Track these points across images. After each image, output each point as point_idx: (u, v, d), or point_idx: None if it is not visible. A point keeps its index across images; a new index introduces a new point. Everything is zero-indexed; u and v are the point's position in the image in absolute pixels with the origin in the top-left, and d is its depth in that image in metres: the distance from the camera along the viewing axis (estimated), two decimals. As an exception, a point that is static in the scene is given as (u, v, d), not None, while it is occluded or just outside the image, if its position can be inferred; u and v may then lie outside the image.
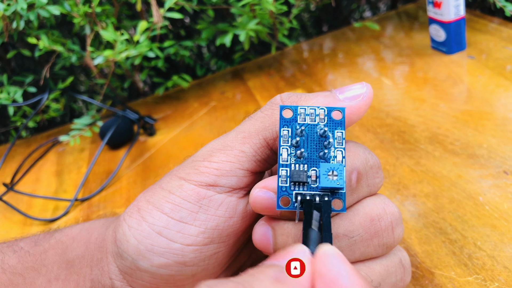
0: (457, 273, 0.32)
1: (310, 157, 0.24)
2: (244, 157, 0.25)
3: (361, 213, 0.25)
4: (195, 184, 0.25)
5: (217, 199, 0.25)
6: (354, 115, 0.25)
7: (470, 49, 0.57)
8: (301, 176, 0.24)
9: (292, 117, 0.24)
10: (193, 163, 0.26)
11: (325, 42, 0.73)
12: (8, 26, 0.57)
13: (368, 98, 0.26)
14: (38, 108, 0.61)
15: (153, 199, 0.26)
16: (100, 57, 0.57)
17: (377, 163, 0.26)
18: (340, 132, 0.24)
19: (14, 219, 0.51)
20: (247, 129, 0.26)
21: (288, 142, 0.24)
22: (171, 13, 0.58)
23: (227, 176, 0.25)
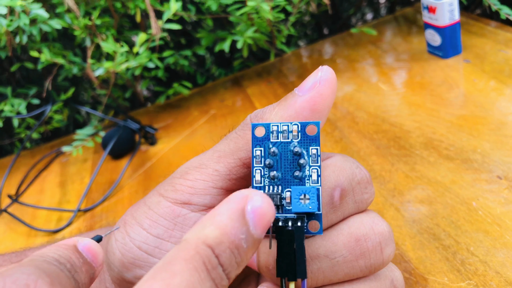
0: (450, 279, 0.32)
1: (285, 177, 0.23)
2: (218, 176, 0.25)
3: (346, 233, 0.24)
4: (171, 202, 0.26)
5: (191, 217, 0.25)
6: (319, 104, 0.24)
7: (466, 53, 0.58)
8: (275, 199, 0.23)
9: (264, 136, 0.24)
10: (171, 180, 0.26)
11: (324, 48, 0.73)
12: (12, 41, 0.59)
13: (326, 81, 0.24)
14: (42, 119, 0.63)
15: (136, 214, 0.26)
16: (101, 69, 0.58)
17: (366, 178, 0.25)
18: (315, 149, 0.23)
19: (19, 230, 0.52)
20: (222, 149, 0.26)
21: (261, 163, 0.23)
22: (169, 25, 0.58)
23: (200, 194, 0.25)
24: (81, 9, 0.60)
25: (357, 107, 0.54)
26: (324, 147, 0.50)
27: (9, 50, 0.60)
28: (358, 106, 0.55)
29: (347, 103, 0.56)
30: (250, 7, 0.56)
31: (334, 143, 0.50)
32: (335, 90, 0.25)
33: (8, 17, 0.55)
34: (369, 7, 0.88)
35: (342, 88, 0.60)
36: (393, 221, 0.38)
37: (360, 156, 0.46)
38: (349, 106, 0.55)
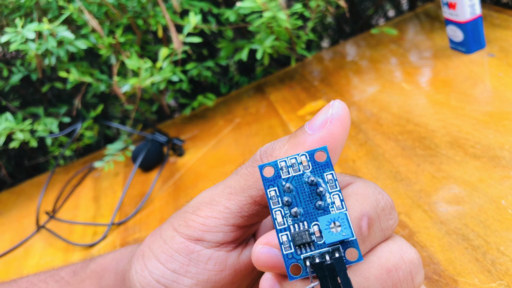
0: (481, 280, 0.32)
1: (307, 211, 0.22)
2: (229, 214, 0.25)
3: (376, 265, 0.22)
4: (184, 238, 0.26)
5: (205, 253, 0.25)
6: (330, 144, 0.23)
7: (489, 46, 0.57)
8: (304, 236, 0.21)
9: (275, 174, 0.22)
10: (184, 214, 0.26)
11: (345, 50, 0.73)
12: (41, 63, 0.61)
13: (337, 120, 0.23)
14: (73, 137, 0.65)
15: (153, 247, 0.27)
16: (127, 85, 0.60)
17: (390, 203, 0.24)
18: (330, 174, 0.22)
19: (57, 245, 0.54)
20: (233, 185, 0.25)
21: (279, 203, 0.22)
22: (190, 38, 0.60)
23: (212, 232, 0.25)
24: (105, 28, 0.61)
25: (381, 108, 0.54)
26: (348, 150, 0.50)
27: (39, 72, 0.63)
28: (381, 107, 0.54)
29: (370, 104, 0.56)
30: (267, 17, 0.57)
31: (359, 146, 0.50)
32: (348, 128, 0.23)
33: (36, 40, 0.57)
34: (390, 3, 0.87)
35: (366, 90, 0.60)
36: (420, 222, 0.38)
37: (386, 158, 0.46)
38: (373, 107, 0.55)
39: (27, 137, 0.62)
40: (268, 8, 0.57)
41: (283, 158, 0.23)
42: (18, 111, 0.68)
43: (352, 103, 0.58)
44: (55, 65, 0.63)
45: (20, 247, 0.56)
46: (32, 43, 0.56)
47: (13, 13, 0.64)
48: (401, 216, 0.39)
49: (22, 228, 0.60)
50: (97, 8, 0.61)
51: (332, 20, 0.82)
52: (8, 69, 0.67)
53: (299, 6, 0.60)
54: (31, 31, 0.56)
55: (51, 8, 0.62)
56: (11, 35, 0.56)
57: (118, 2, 0.60)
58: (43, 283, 0.32)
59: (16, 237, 0.58)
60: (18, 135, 0.62)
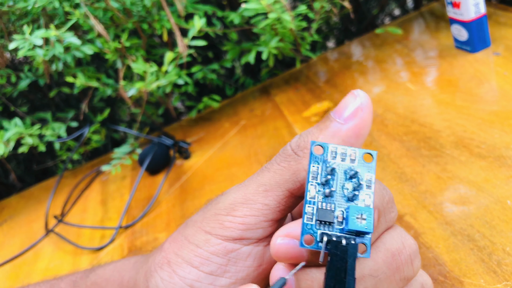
0: (486, 281, 0.32)
1: (338, 197, 0.24)
2: (268, 210, 0.25)
3: (383, 250, 0.24)
4: (221, 239, 0.26)
5: (244, 251, 0.26)
6: (363, 130, 0.25)
7: (495, 45, 0.56)
8: (328, 215, 0.23)
9: (322, 155, 0.24)
10: (217, 217, 0.26)
11: (350, 50, 0.73)
12: (49, 69, 0.62)
13: (367, 107, 0.25)
14: (81, 141, 0.65)
15: (181, 252, 0.26)
16: (133, 89, 0.60)
17: (391, 197, 0.26)
18: (370, 176, 0.24)
19: (66, 249, 0.54)
20: (268, 182, 0.26)
21: (317, 179, 0.24)
22: (195, 41, 0.60)
23: (252, 229, 0.25)
24: (111, 33, 0.62)
25: (386, 109, 0.54)
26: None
27: (47, 78, 0.63)
28: (387, 108, 0.54)
29: (375, 105, 0.56)
30: (272, 19, 0.57)
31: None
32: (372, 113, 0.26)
33: (44, 47, 0.58)
34: (395, 3, 0.87)
35: (371, 90, 0.60)
36: (425, 223, 0.38)
37: (391, 159, 0.46)
38: (378, 108, 0.55)
39: (35, 142, 0.63)
40: (272, 9, 0.57)
41: (335, 145, 0.24)
42: (27, 116, 0.69)
43: (357, 104, 0.58)
44: (62, 70, 0.64)
45: (29, 251, 0.57)
46: (39, 49, 0.57)
47: (20, 20, 0.65)
48: (406, 217, 0.39)
49: (31, 232, 0.61)
50: (103, 13, 0.61)
51: (337, 21, 0.82)
52: (16, 75, 0.68)
53: (303, 7, 0.60)
54: (39, 38, 0.56)
55: (58, 14, 0.62)
56: (19, 42, 0.56)
57: (123, 7, 0.61)
58: None
59: (25, 241, 0.59)
60: (27, 140, 0.62)
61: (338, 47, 0.76)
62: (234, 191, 0.27)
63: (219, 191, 0.53)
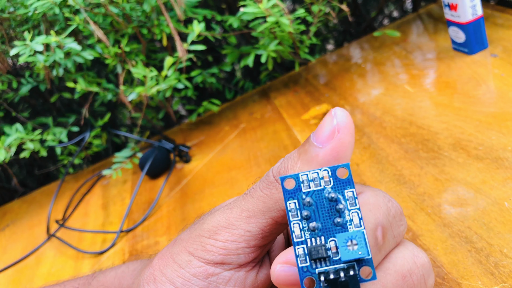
0: (484, 283, 0.32)
1: (325, 226, 0.22)
2: (250, 236, 0.25)
3: (392, 272, 0.23)
4: (203, 262, 0.25)
5: (225, 276, 0.25)
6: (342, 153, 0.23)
7: (492, 47, 0.57)
8: (320, 251, 0.22)
9: (295, 187, 0.23)
10: (200, 239, 0.26)
11: (348, 52, 0.74)
12: (49, 74, 0.62)
13: (344, 128, 0.23)
14: (82, 145, 0.66)
15: (166, 271, 0.26)
16: (133, 94, 0.61)
17: (399, 210, 0.25)
18: (351, 191, 0.22)
19: (67, 253, 0.55)
20: (251, 208, 0.25)
21: (298, 216, 0.22)
22: (195, 46, 0.60)
23: (233, 255, 0.25)
24: (110, 38, 0.62)
25: (384, 111, 0.55)
26: (352, 154, 0.50)
27: (48, 83, 0.64)
28: (385, 110, 0.55)
29: (374, 107, 0.56)
30: (271, 22, 0.57)
31: (363, 149, 0.50)
32: (354, 133, 0.24)
33: (44, 52, 0.58)
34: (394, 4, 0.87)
35: (369, 92, 0.60)
36: (423, 225, 0.38)
37: (389, 162, 0.46)
38: (376, 110, 0.55)
39: (37, 147, 0.63)
40: (271, 13, 0.58)
41: (305, 172, 0.23)
42: (28, 122, 0.70)
43: (355, 106, 0.58)
44: (63, 75, 0.64)
45: (31, 255, 0.57)
46: (40, 55, 0.58)
47: (21, 26, 0.65)
48: (404, 219, 0.39)
49: (33, 236, 0.61)
50: (103, 19, 0.62)
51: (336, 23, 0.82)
52: (17, 80, 0.69)
53: (301, 11, 0.60)
54: (39, 44, 0.57)
55: (58, 20, 0.63)
56: (20, 48, 0.57)
57: (122, 12, 0.61)
58: None
59: (27, 245, 0.60)
60: (28, 145, 0.63)
61: (337, 50, 0.77)
62: (219, 213, 0.26)
63: (219, 194, 0.54)
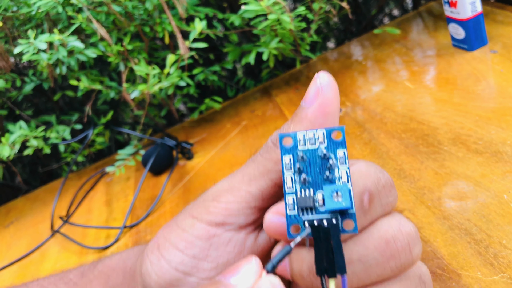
0: (483, 273, 0.33)
1: (315, 181, 0.24)
2: (251, 197, 0.26)
3: (376, 236, 0.24)
4: (205, 224, 0.27)
5: (226, 236, 0.27)
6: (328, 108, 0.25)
7: (492, 43, 0.57)
8: (308, 201, 0.23)
9: (292, 145, 0.25)
10: (204, 203, 0.27)
11: (349, 50, 0.74)
12: (53, 72, 0.63)
13: (326, 86, 0.25)
14: (85, 143, 0.66)
15: (169, 236, 0.27)
16: (136, 91, 0.61)
17: (390, 181, 0.26)
18: (342, 152, 0.24)
19: (71, 249, 0.55)
20: (252, 172, 0.26)
21: (291, 169, 0.24)
22: (196, 44, 0.61)
23: (235, 215, 0.26)
24: (113, 36, 0.63)
25: (385, 107, 0.55)
26: (353, 149, 0.50)
27: (51, 81, 0.64)
28: (385, 106, 0.55)
29: (374, 104, 0.57)
30: (272, 20, 0.58)
31: (363, 145, 0.51)
32: (338, 91, 0.26)
33: (48, 51, 0.59)
34: (394, 2, 0.88)
35: (370, 89, 0.61)
36: (424, 218, 0.38)
37: (390, 156, 0.47)
38: (377, 107, 0.56)
39: (40, 144, 0.64)
40: (272, 11, 0.58)
41: (302, 131, 0.25)
42: (31, 120, 0.70)
43: (356, 103, 0.59)
44: (66, 74, 0.65)
45: (36, 251, 0.58)
46: (44, 54, 0.58)
47: (24, 25, 0.66)
48: (405, 213, 0.40)
49: (37, 233, 0.62)
50: (105, 17, 0.62)
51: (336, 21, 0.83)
52: (21, 79, 0.69)
53: (302, 8, 0.61)
54: (43, 42, 0.57)
55: (61, 18, 0.63)
56: (24, 46, 0.57)
57: (125, 10, 0.62)
58: (53, 285, 0.33)
59: (32, 242, 0.60)
60: (32, 142, 0.63)
61: (338, 47, 0.77)
62: (222, 180, 0.28)
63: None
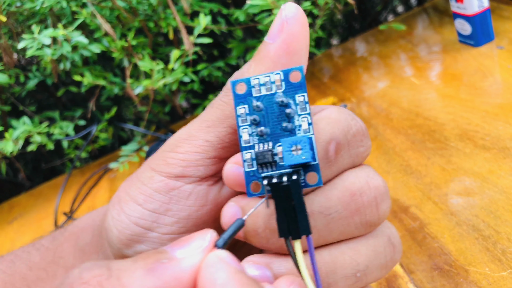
0: (491, 269, 0.32)
1: (274, 132, 0.22)
2: (209, 146, 0.24)
3: (340, 187, 0.22)
4: (164, 176, 0.25)
5: (186, 189, 0.25)
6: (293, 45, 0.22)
7: (498, 39, 0.57)
8: (267, 156, 0.21)
9: (246, 92, 0.22)
10: (162, 154, 0.26)
11: (354, 46, 0.74)
12: (56, 68, 0.63)
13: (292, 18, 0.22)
14: (89, 139, 0.66)
15: (129, 190, 0.26)
16: (140, 87, 0.61)
17: (362, 130, 0.23)
18: (302, 96, 0.22)
19: (75, 245, 0.55)
20: (210, 118, 0.24)
21: (247, 121, 0.22)
22: (201, 39, 0.61)
23: (194, 166, 0.24)
24: (117, 31, 0.63)
25: (391, 103, 0.55)
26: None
27: (54, 77, 0.64)
28: (391, 102, 0.55)
29: (380, 100, 0.56)
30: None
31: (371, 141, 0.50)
32: (306, 25, 0.23)
33: (52, 46, 0.59)
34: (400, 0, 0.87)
35: (375, 85, 0.60)
36: (431, 214, 0.38)
37: (396, 152, 0.47)
38: (383, 103, 0.56)
39: (44, 140, 0.64)
40: (277, 6, 0.58)
41: (257, 76, 0.22)
42: (35, 116, 0.70)
43: (362, 99, 0.58)
44: (70, 69, 0.65)
45: (40, 247, 0.58)
46: (47, 49, 0.58)
47: (28, 20, 0.66)
48: (412, 209, 0.39)
49: (41, 229, 0.62)
50: (109, 12, 0.62)
51: (341, 17, 0.82)
52: (25, 74, 0.69)
53: (307, 4, 0.60)
54: (47, 37, 0.57)
55: (65, 14, 0.63)
56: (28, 42, 0.57)
57: (129, 5, 0.61)
58: (26, 253, 0.32)
59: (35, 237, 0.60)
60: (35, 138, 0.63)
61: (343, 44, 0.77)
62: (182, 128, 0.26)
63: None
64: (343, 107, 0.58)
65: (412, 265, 0.35)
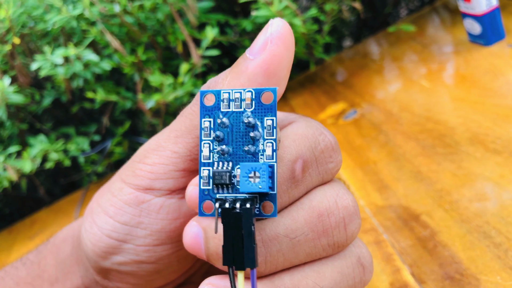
0: (503, 278, 0.32)
1: (236, 152, 0.21)
2: (177, 158, 0.23)
3: (307, 208, 0.21)
4: (133, 188, 0.24)
5: (156, 202, 0.24)
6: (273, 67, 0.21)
7: (510, 37, 0.56)
8: (224, 177, 0.20)
9: (214, 105, 0.21)
10: (131, 164, 0.25)
11: (364, 49, 0.73)
12: (70, 86, 0.64)
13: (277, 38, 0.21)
14: (104, 154, 0.67)
15: (101, 201, 0.25)
16: (151, 101, 0.62)
17: (331, 145, 0.22)
18: (271, 120, 0.20)
19: (93, 259, 0.56)
20: (179, 127, 0.23)
21: (210, 136, 0.21)
22: (209, 51, 0.61)
23: (162, 179, 0.23)
24: (127, 47, 0.64)
25: (401, 108, 0.54)
26: (369, 152, 0.50)
27: (68, 94, 0.66)
28: (401, 107, 0.54)
29: (390, 104, 0.56)
30: (282, 24, 0.58)
31: (380, 147, 0.50)
32: (291, 47, 0.21)
33: (64, 65, 0.60)
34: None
35: (385, 89, 0.60)
36: (441, 222, 0.38)
37: (406, 159, 0.46)
38: (393, 107, 0.55)
39: (61, 157, 0.65)
40: (283, 15, 0.58)
41: (228, 90, 0.21)
42: (51, 132, 0.72)
43: (372, 104, 0.58)
44: (83, 86, 0.66)
45: (60, 262, 0.59)
46: (60, 68, 0.59)
47: (41, 39, 0.67)
48: (422, 216, 0.39)
49: (61, 244, 0.63)
50: (118, 29, 0.63)
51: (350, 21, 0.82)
52: (40, 93, 0.71)
53: (314, 10, 0.60)
54: (59, 57, 0.58)
55: (76, 33, 0.64)
56: (40, 62, 0.59)
57: (137, 21, 0.62)
58: (14, 268, 0.32)
59: (56, 253, 0.61)
60: (52, 155, 0.65)
61: (352, 47, 0.76)
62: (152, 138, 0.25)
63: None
64: (352, 113, 0.58)
65: (423, 275, 0.35)
